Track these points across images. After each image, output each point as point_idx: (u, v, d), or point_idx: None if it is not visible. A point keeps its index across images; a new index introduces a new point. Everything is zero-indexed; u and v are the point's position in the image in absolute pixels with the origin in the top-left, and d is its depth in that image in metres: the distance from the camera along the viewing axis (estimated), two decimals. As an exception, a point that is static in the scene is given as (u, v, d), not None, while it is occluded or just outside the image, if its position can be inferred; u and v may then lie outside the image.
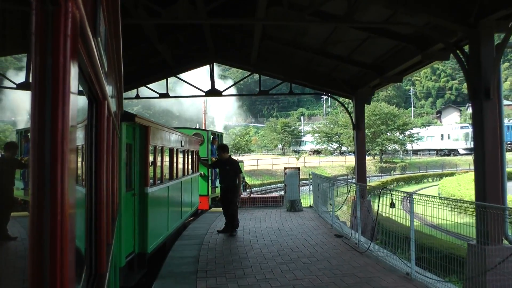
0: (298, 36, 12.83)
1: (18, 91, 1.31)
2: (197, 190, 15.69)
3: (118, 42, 3.53)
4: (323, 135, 77.03)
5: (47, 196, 1.05)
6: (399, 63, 11.82)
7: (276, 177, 45.51)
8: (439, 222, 8.37)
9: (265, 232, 11.76)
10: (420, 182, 41.65)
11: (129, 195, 7.86)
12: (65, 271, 1.09)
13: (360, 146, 15.60)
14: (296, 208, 15.91)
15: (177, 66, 15.65)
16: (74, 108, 1.23)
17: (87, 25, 1.53)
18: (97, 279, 2.68)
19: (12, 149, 1.40)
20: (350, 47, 12.48)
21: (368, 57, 12.95)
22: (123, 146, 7.34)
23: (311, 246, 9.82)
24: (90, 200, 2.63)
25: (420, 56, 10.44)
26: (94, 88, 2.31)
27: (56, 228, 1.06)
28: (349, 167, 52.44)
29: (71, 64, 1.16)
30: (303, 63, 15.48)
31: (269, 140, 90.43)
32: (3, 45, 1.21)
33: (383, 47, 11.78)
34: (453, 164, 55.23)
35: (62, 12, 1.10)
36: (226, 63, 16.64)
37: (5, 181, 1.33)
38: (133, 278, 7.92)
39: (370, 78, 13.99)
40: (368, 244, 9.32)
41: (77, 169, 1.72)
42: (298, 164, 55.03)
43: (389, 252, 8.88)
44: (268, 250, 9.50)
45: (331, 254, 9.04)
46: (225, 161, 11.43)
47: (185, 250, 9.73)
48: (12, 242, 1.28)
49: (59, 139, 1.07)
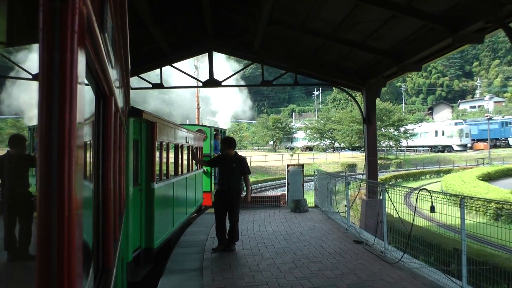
0: (308, 21, 11.54)
1: (34, 82, 1.19)
2: (201, 186, 15.57)
3: (125, 37, 3.56)
4: (315, 131, 76.23)
5: (55, 192, 1.05)
6: (422, 48, 10.58)
7: (271, 174, 44.32)
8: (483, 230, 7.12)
9: (273, 237, 10.49)
10: (418, 179, 40.72)
11: (136, 191, 7.87)
12: (73, 267, 1.09)
13: (371, 141, 14.38)
14: (301, 209, 14.67)
15: (172, 54, 14.26)
16: (81, 104, 1.25)
17: (94, 21, 1.55)
18: (104, 274, 2.68)
19: (21, 143, 1.38)
20: (366, 31, 11.22)
21: (386, 43, 11.70)
22: (130, 142, 7.34)
23: (331, 255, 8.57)
24: (98, 196, 2.60)
25: (451, 38, 9.21)
26: (101, 84, 2.31)
27: (63, 224, 1.06)
28: (344, 164, 51.52)
29: (79, 60, 1.16)
30: (310, 52, 14.20)
31: (260, 137, 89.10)
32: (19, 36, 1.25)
33: (406, 30, 10.53)
34: (448, 161, 54.51)
35: (69, 8, 1.09)
36: (225, 51, 15.22)
37: (17, 178, 1.35)
38: (140, 273, 7.94)
39: (384, 67, 12.76)
40: (398, 253, 8.12)
41: (85, 165, 1.70)
42: (292, 161, 53.96)
43: (423, 262, 7.67)
44: (282, 261, 8.24)
45: (356, 265, 7.80)
46: (230, 158, 9.30)
47: (185, 261, 8.43)
48: (22, 237, 1.29)
49: (66, 135, 1.07)
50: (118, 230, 3.73)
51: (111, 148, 2.95)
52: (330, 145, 77.34)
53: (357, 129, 58.05)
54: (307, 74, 15.19)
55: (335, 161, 55.11)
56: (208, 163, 11.33)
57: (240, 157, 9.70)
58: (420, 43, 10.63)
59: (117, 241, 3.59)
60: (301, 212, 14.49)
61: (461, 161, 52.57)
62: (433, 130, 68.63)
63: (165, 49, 13.50)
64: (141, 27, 11.16)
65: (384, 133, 57.98)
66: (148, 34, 11.80)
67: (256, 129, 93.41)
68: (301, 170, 16.51)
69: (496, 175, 34.71)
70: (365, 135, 14.44)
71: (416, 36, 10.64)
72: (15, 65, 1.27)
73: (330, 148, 76.00)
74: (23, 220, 1.31)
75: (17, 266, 1.30)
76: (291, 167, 16.75)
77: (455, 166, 47.34)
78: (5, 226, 1.22)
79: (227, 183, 9.18)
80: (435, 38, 9.84)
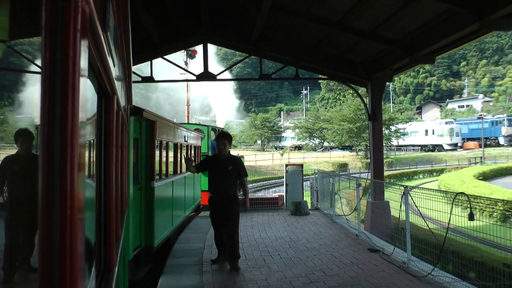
0: (314, 7, 10.54)
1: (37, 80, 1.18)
2: (199, 185, 15.37)
3: (127, 36, 3.72)
4: (304, 130, 75.49)
5: (57, 190, 1.05)
6: (439, 37, 9.65)
7: (261, 174, 43.36)
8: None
9: (277, 244, 9.50)
10: (412, 178, 40.03)
11: (136, 189, 7.83)
12: (75, 265, 1.09)
13: (376, 139, 13.44)
14: (302, 212, 13.71)
15: (163, 45, 13.14)
16: (84, 102, 1.25)
17: (97, 20, 1.53)
18: (106, 273, 2.68)
19: (28, 139, 1.35)
20: (377, 19, 10.27)
21: (398, 32, 10.76)
22: (131, 140, 7.25)
23: (347, 267, 7.58)
24: (100, 194, 2.57)
25: (477, 24, 8.30)
26: (104, 82, 2.31)
27: (65, 222, 1.06)
28: (335, 163, 50.71)
29: (81, 58, 1.15)
30: (312, 43, 13.19)
31: (248, 136, 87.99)
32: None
33: (423, 16, 9.59)
34: (439, 160, 54.03)
35: (72, 7, 1.09)
36: (221, 42, 14.08)
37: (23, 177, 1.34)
38: (140, 271, 7.91)
39: (394, 59, 11.83)
40: (423, 264, 7.18)
41: (87, 164, 1.69)
42: (282, 161, 53.02)
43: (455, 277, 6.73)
44: (293, 274, 7.23)
45: (379, 280, 6.83)
46: (224, 159, 7.64)
47: (182, 275, 7.39)
48: (25, 236, 1.28)
49: (68, 133, 1.07)
50: (120, 229, 3.66)
51: (113, 147, 2.94)
52: (319, 144, 76.69)
53: (347, 128, 57.31)
54: (308, 67, 14.18)
55: (325, 161, 54.33)
56: (196, 167, 8.21)
57: (235, 158, 8.08)
58: (437, 32, 9.70)
59: (119, 239, 3.53)
60: (302, 215, 13.54)
61: (453, 161, 52.12)
62: (423, 129, 68.24)
63: (156, 39, 12.40)
64: (130, 13, 10.07)
65: (375, 132, 57.25)
66: (138, 21, 10.70)
67: (244, 128, 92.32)
68: (300, 170, 15.56)
69: (491, 174, 34.19)
70: (371, 133, 13.49)
71: (433, 24, 9.71)
72: (16, 61, 1.26)
73: (319, 147, 75.34)
74: (26, 219, 1.29)
75: (19, 265, 1.27)
76: (289, 167, 15.77)
77: (447, 166, 46.80)
78: (8, 225, 1.21)
79: (222, 191, 7.61)
80: (458, 24, 8.90)
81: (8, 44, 1.17)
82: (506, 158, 50.19)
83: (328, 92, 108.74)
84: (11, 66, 1.25)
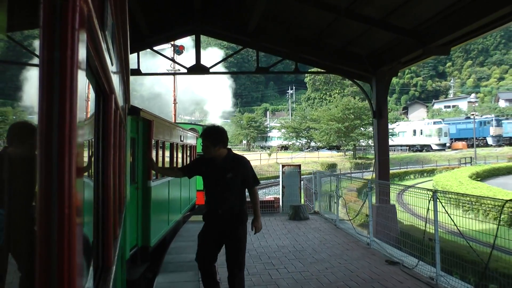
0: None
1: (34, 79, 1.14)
2: (194, 185, 15.13)
3: (125, 35, 3.54)
4: (291, 130, 74.74)
5: (55, 190, 1.01)
6: (458, 26, 8.75)
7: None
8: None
9: (281, 255, 8.48)
10: (403, 179, 39.37)
11: (132, 189, 7.81)
12: (73, 265, 1.06)
13: (382, 138, 12.51)
14: (301, 216, 12.72)
15: (152, 35, 12.02)
16: (82, 101, 1.24)
17: (95, 19, 1.51)
18: (104, 272, 2.64)
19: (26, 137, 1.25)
20: (390, 5, 9.34)
21: (411, 20, 9.83)
22: (128, 140, 7.10)
23: (367, 284, 6.58)
24: (98, 193, 2.54)
25: (509, 7, 7.38)
26: (101, 81, 2.28)
27: (63, 221, 1.03)
28: (324, 163, 49.90)
29: (79, 58, 1.13)
30: (313, 35, 12.20)
31: (234, 136, 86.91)
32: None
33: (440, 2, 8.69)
34: (428, 160, 53.55)
35: (70, 6, 1.07)
36: (215, 32, 12.95)
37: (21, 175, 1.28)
38: (137, 271, 7.87)
39: (403, 51, 10.90)
40: (452, 280, 6.22)
41: (85, 163, 1.65)
42: (270, 161, 52.05)
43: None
44: (306, 293, 6.23)
45: (408, 300, 5.86)
46: (222, 161, 5.22)
47: None
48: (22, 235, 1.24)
49: (66, 133, 1.04)
50: (118, 228, 3.61)
51: (111, 146, 2.90)
52: (306, 144, 75.98)
53: (336, 128, 56.61)
54: (308, 61, 13.19)
55: (314, 161, 53.46)
56: (182, 170, 6.03)
57: (237, 159, 5.38)
58: (456, 20, 8.78)
59: (117, 239, 3.50)
60: (302, 220, 12.55)
61: (442, 161, 51.67)
62: (411, 129, 67.85)
63: (144, 29, 11.30)
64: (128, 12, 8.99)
65: (364, 132, 56.65)
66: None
67: (229, 127, 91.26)
68: (298, 171, 14.58)
69: (484, 175, 33.65)
70: (375, 131, 12.56)
71: (451, 11, 8.79)
72: (14, 59, 1.23)
73: (306, 148, 74.61)
74: (24, 218, 1.23)
75: (17, 264, 1.20)
76: (286, 167, 14.79)
77: (438, 166, 46.28)
78: (6, 223, 1.14)
79: (222, 204, 5.14)
80: (483, 10, 7.98)
81: (6, 42, 1.08)
82: (496, 159, 49.89)
83: (314, 92, 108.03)
84: (8, 64, 1.18)
